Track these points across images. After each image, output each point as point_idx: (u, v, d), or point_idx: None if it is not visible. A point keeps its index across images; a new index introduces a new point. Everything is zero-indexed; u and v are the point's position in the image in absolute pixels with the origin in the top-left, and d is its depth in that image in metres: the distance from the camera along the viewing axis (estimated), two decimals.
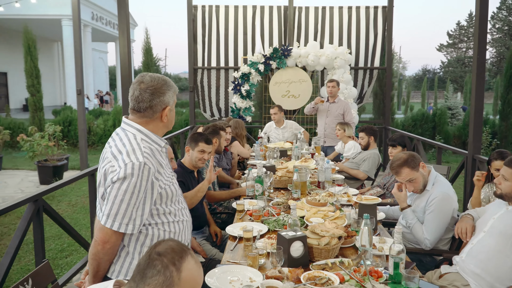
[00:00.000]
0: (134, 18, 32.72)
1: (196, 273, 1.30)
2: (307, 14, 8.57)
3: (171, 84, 1.90)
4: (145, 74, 1.88)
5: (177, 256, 1.26)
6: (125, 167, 1.70)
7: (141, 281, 1.25)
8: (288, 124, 6.76)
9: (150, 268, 1.25)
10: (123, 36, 4.92)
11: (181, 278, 1.25)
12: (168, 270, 1.24)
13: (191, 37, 8.61)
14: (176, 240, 1.33)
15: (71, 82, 21.31)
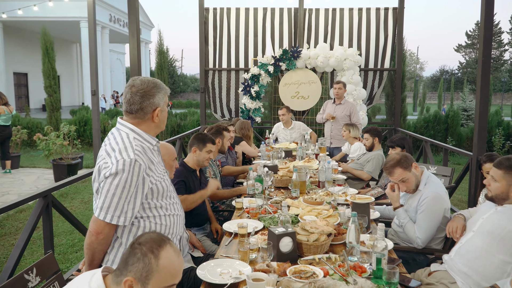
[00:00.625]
0: (151, 20, 33.19)
1: (174, 260, 1.41)
2: (317, 16, 8.63)
3: (162, 86, 2.02)
4: (136, 78, 2.00)
5: (156, 245, 1.38)
6: (117, 163, 1.83)
7: (124, 269, 1.37)
8: (296, 125, 6.85)
9: (131, 256, 1.37)
10: (133, 38, 5.08)
11: (159, 265, 1.37)
12: (147, 258, 1.36)
13: (203, 39, 8.76)
14: (158, 233, 1.44)
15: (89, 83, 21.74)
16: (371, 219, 3.07)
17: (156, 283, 1.37)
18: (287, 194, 3.73)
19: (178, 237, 2.19)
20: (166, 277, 1.40)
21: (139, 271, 1.36)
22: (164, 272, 1.39)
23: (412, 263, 2.98)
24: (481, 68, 4.89)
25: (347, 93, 7.94)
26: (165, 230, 2.05)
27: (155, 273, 1.37)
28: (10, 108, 8.75)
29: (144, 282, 1.36)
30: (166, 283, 1.40)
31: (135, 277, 1.36)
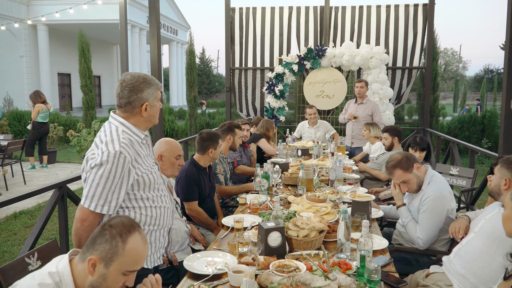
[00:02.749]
0: (187, 21, 33.82)
1: (140, 247, 1.48)
2: (343, 14, 8.53)
3: (152, 82, 2.08)
4: (127, 73, 2.08)
5: (125, 230, 1.45)
6: (102, 154, 1.91)
7: (91, 247, 1.45)
8: (321, 124, 6.80)
9: (100, 236, 1.44)
10: (153, 38, 5.23)
11: (125, 249, 1.44)
12: (115, 240, 1.43)
13: (229, 38, 8.86)
14: (129, 218, 1.51)
15: None
16: (374, 218, 3.03)
17: (118, 265, 1.44)
18: (294, 191, 3.73)
19: (166, 229, 2.25)
20: (129, 262, 1.46)
21: (105, 252, 1.43)
22: (128, 257, 1.45)
23: (415, 265, 2.91)
24: (507, 66, 4.69)
25: (372, 92, 7.80)
26: (151, 221, 2.11)
27: (120, 256, 1.44)
28: (48, 106, 9.20)
29: (107, 262, 1.43)
30: (128, 268, 1.47)
31: (99, 256, 1.43)
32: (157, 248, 2.20)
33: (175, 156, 2.83)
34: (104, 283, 1.45)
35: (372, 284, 1.89)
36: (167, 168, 2.80)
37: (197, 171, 3.42)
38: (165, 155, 2.80)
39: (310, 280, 1.85)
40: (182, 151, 2.89)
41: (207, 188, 3.51)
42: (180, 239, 2.89)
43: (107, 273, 1.44)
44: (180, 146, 2.89)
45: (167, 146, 2.84)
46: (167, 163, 2.80)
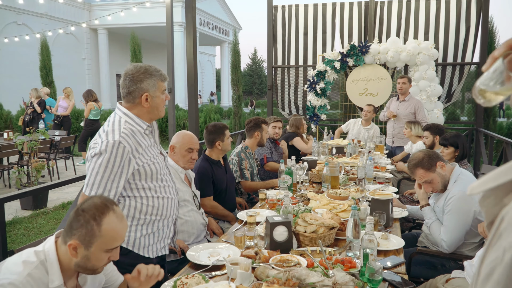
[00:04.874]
0: (239, 22, 34.23)
1: (116, 226, 1.51)
2: (389, 9, 8.21)
3: (153, 73, 2.10)
4: (131, 64, 2.13)
5: (98, 212, 1.48)
6: (101, 144, 1.97)
7: (69, 232, 1.49)
8: (374, 127, 6.60)
9: (75, 222, 1.49)
10: (189, 36, 5.33)
11: (102, 230, 1.47)
12: (90, 224, 1.47)
13: (271, 37, 8.85)
14: (102, 198, 1.54)
15: (179, 83, 23.13)
16: (396, 217, 2.88)
17: (98, 246, 1.49)
18: (318, 188, 3.64)
19: (171, 219, 2.27)
20: (108, 241, 1.50)
21: (83, 236, 1.48)
22: (106, 237, 1.49)
23: (440, 269, 2.74)
24: None
25: (419, 90, 7.44)
26: (153, 211, 2.14)
27: (98, 237, 1.48)
28: (99, 104, 9.69)
29: (87, 245, 1.48)
30: (108, 246, 1.51)
31: (79, 240, 1.48)
32: (161, 238, 2.22)
33: (185, 149, 2.85)
34: (88, 263, 1.51)
35: (372, 283, 1.80)
36: (179, 160, 2.85)
37: (210, 165, 3.43)
38: (176, 146, 2.86)
39: (305, 276, 1.79)
40: (195, 145, 2.90)
41: (223, 181, 3.50)
42: (196, 231, 2.91)
43: (89, 254, 1.49)
44: (193, 140, 2.90)
45: (178, 138, 2.89)
46: (178, 155, 2.85)
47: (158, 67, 2.20)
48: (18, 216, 5.79)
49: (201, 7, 25.94)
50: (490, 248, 0.65)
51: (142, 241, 2.15)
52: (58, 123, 9.82)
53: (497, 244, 0.64)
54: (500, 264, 0.61)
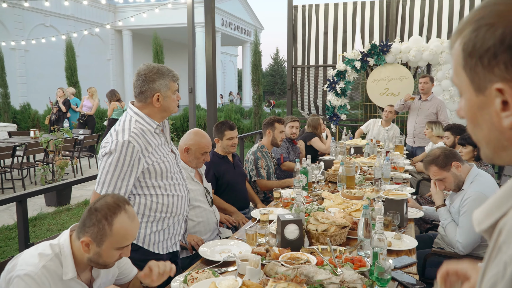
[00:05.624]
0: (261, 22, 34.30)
1: (127, 226, 1.55)
2: (411, 7, 8.09)
3: (165, 73, 2.14)
4: (144, 64, 2.18)
5: (110, 212, 1.53)
6: (111, 143, 2.02)
7: (82, 229, 1.55)
8: (394, 127, 6.53)
9: (88, 220, 1.54)
10: (208, 37, 5.40)
11: (113, 230, 1.52)
12: (101, 223, 1.52)
13: (291, 36, 8.85)
14: (115, 198, 1.59)
15: (201, 83, 23.36)
16: (411, 218, 2.85)
17: (109, 244, 1.54)
18: (334, 188, 3.63)
19: (181, 217, 2.31)
20: (119, 240, 1.55)
21: (95, 234, 1.53)
22: (117, 236, 1.54)
23: None
24: None
25: (442, 89, 7.31)
26: (163, 209, 2.18)
27: (109, 236, 1.53)
28: (122, 104, 9.89)
29: (98, 242, 1.53)
30: (119, 245, 1.55)
31: (91, 238, 1.53)
32: (171, 234, 2.27)
33: (201, 152, 2.86)
34: (100, 259, 1.56)
35: (381, 282, 1.79)
36: (191, 160, 2.86)
37: (216, 158, 3.49)
38: (192, 149, 2.85)
39: (313, 273, 1.80)
40: (210, 148, 2.91)
41: (229, 176, 3.52)
42: (209, 231, 2.94)
43: (100, 251, 1.54)
44: (209, 143, 2.90)
45: (195, 141, 2.87)
46: (192, 156, 2.86)
47: (171, 68, 2.24)
48: (42, 212, 5.97)
49: (224, 7, 26.10)
50: (490, 262, 0.63)
51: (152, 238, 2.20)
52: (82, 122, 10.08)
53: (497, 258, 0.61)
54: (501, 279, 0.59)
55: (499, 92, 0.61)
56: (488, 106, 0.64)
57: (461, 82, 0.68)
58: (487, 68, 0.62)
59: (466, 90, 0.68)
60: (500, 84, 0.60)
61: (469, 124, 0.70)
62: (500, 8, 0.61)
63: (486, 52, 0.61)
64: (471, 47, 0.63)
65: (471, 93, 0.66)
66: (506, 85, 0.60)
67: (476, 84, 0.65)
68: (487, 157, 0.70)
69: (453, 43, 0.69)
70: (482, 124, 0.66)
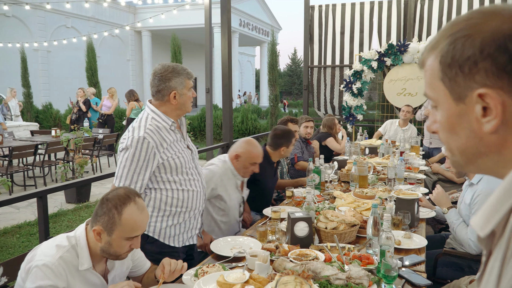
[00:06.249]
0: (279, 23, 34.29)
1: (136, 217, 1.62)
2: (430, 6, 8.00)
3: (180, 72, 2.22)
4: (159, 64, 2.25)
5: (120, 202, 1.60)
6: (128, 139, 2.12)
7: (95, 218, 1.63)
8: (411, 127, 6.48)
9: (100, 209, 1.62)
10: (224, 37, 5.46)
11: (122, 219, 1.59)
12: (111, 213, 1.59)
13: (307, 36, 8.85)
14: (126, 190, 1.66)
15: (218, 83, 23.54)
16: (423, 218, 2.85)
17: (119, 233, 1.60)
18: (346, 187, 3.65)
19: (197, 211, 2.38)
20: (128, 230, 1.62)
21: (105, 223, 1.60)
22: (126, 226, 1.61)
23: (467, 271, 2.68)
24: None
25: None
26: (178, 203, 2.25)
27: (118, 226, 1.60)
28: (140, 104, 10.06)
29: (109, 231, 1.61)
30: (127, 235, 1.62)
31: (102, 227, 1.61)
32: (187, 228, 2.34)
33: (251, 162, 2.89)
34: (111, 248, 1.63)
35: (387, 279, 1.81)
36: (239, 169, 2.89)
37: (266, 160, 3.40)
38: (242, 157, 2.87)
39: (320, 269, 1.83)
40: (260, 159, 2.91)
41: (269, 181, 3.56)
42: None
43: (111, 240, 1.61)
44: (260, 156, 2.90)
45: (247, 150, 2.88)
46: (240, 165, 2.89)
47: (189, 67, 2.31)
48: (63, 208, 6.14)
49: (241, 8, 26.22)
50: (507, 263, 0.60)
51: (168, 231, 2.27)
52: (102, 121, 10.29)
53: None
54: None
55: (480, 98, 0.64)
56: (468, 113, 0.66)
57: (438, 94, 0.71)
58: (468, 76, 0.65)
59: (443, 101, 0.70)
60: (482, 90, 0.63)
61: (444, 134, 0.72)
62: (474, 22, 0.65)
63: (467, 61, 0.64)
64: (450, 59, 0.66)
65: (450, 103, 0.69)
66: (487, 90, 0.63)
67: (456, 93, 0.67)
68: (459, 165, 0.72)
69: (426, 59, 0.73)
70: (460, 132, 0.69)
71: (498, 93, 0.63)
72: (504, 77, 0.62)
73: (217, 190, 2.82)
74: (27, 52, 15.41)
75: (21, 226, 5.41)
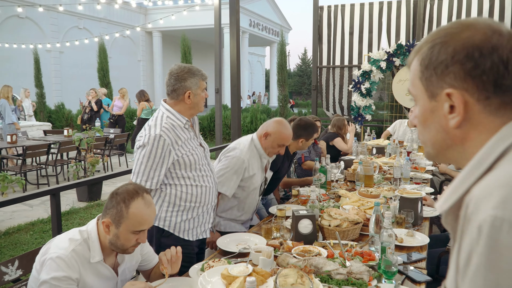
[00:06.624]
0: (289, 23, 34.30)
1: (143, 211, 1.70)
2: (439, 7, 7.99)
3: (195, 73, 2.30)
4: (176, 64, 2.35)
5: (128, 196, 1.68)
6: (145, 137, 2.22)
7: (104, 211, 1.71)
8: None
9: (109, 202, 1.70)
10: (233, 39, 5.54)
11: (129, 213, 1.67)
12: (119, 206, 1.67)
13: (316, 37, 8.90)
14: (135, 185, 1.74)
15: (228, 83, 23.64)
16: (426, 216, 2.88)
17: (126, 226, 1.68)
18: (352, 187, 3.69)
19: (210, 206, 2.47)
20: (135, 224, 1.69)
21: (114, 215, 1.68)
22: (133, 219, 1.68)
23: None
24: None
25: None
26: (192, 198, 2.35)
27: (125, 219, 1.68)
28: (151, 104, 10.19)
29: (117, 224, 1.69)
30: (134, 228, 1.70)
31: (111, 219, 1.69)
32: (200, 223, 2.43)
33: (279, 143, 2.86)
34: (118, 241, 1.71)
35: (387, 275, 1.86)
36: (266, 148, 2.88)
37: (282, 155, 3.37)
38: (271, 136, 2.84)
39: (322, 264, 1.89)
40: (289, 141, 2.90)
41: (281, 170, 3.53)
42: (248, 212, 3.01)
43: (118, 232, 1.69)
44: (290, 135, 2.88)
45: (277, 130, 2.85)
46: (268, 143, 2.86)
47: (200, 67, 2.40)
48: (74, 207, 6.27)
49: (251, 8, 26.29)
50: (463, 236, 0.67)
51: (182, 226, 2.37)
52: (113, 121, 10.45)
53: (469, 228, 0.65)
54: (476, 244, 0.62)
55: (448, 97, 0.75)
56: (438, 110, 0.78)
57: (417, 91, 0.82)
58: (440, 77, 0.76)
59: (421, 97, 0.81)
60: (450, 90, 0.75)
61: (419, 127, 0.83)
62: (452, 31, 0.76)
63: (440, 64, 0.76)
64: (427, 61, 0.78)
65: (425, 100, 0.80)
66: (454, 90, 0.74)
67: (430, 91, 0.79)
68: (430, 156, 0.84)
69: (412, 60, 0.83)
70: (431, 126, 0.80)
71: (462, 94, 0.74)
72: (469, 80, 0.73)
73: (244, 174, 2.83)
74: (40, 53, 15.68)
75: (34, 223, 5.55)
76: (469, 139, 0.76)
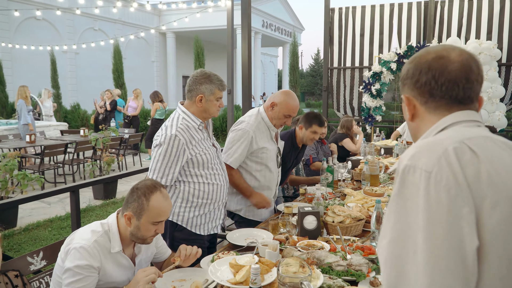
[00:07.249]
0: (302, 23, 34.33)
1: (162, 204, 1.85)
2: (450, 8, 8.02)
3: (214, 81, 2.45)
4: (200, 69, 2.52)
5: (148, 190, 1.83)
6: (161, 137, 2.38)
7: (126, 205, 1.86)
8: None
9: (130, 197, 1.85)
10: (244, 41, 5.68)
11: (149, 205, 1.82)
12: (140, 199, 1.82)
13: (327, 38, 8.99)
14: (152, 181, 1.90)
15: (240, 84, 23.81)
16: None
17: (146, 218, 1.84)
18: (358, 186, 3.80)
19: (221, 203, 2.63)
20: (154, 215, 1.85)
21: (135, 208, 1.84)
22: (153, 211, 1.84)
23: None
24: None
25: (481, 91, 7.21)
26: (204, 195, 2.50)
27: (146, 211, 1.83)
28: (164, 105, 10.40)
29: (138, 216, 1.84)
30: (154, 219, 1.85)
31: (132, 212, 1.84)
32: (211, 219, 2.59)
33: (285, 114, 2.90)
34: (139, 232, 1.86)
35: None
36: (273, 118, 2.94)
37: (290, 142, 3.52)
38: (278, 106, 2.90)
39: (324, 257, 2.02)
40: (295, 113, 2.92)
41: (287, 161, 3.60)
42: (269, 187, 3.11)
43: (139, 224, 1.85)
44: (297, 107, 2.89)
45: (284, 100, 2.90)
46: (275, 114, 2.93)
47: (212, 68, 2.56)
48: (91, 204, 6.49)
49: (264, 9, 26.42)
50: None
51: (195, 221, 2.53)
52: (128, 122, 10.69)
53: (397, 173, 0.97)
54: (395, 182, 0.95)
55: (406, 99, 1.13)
56: (405, 108, 1.15)
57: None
58: (404, 86, 1.14)
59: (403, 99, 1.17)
60: (405, 95, 1.13)
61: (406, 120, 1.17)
62: (418, 55, 1.09)
63: (405, 77, 1.12)
64: (401, 75, 1.15)
65: (403, 101, 1.15)
66: (407, 96, 1.12)
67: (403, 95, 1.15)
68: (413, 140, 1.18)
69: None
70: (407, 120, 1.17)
71: (410, 99, 1.11)
72: (415, 90, 1.09)
73: (252, 146, 2.92)
74: (56, 54, 16.04)
75: (52, 220, 5.76)
76: (420, 129, 1.11)
